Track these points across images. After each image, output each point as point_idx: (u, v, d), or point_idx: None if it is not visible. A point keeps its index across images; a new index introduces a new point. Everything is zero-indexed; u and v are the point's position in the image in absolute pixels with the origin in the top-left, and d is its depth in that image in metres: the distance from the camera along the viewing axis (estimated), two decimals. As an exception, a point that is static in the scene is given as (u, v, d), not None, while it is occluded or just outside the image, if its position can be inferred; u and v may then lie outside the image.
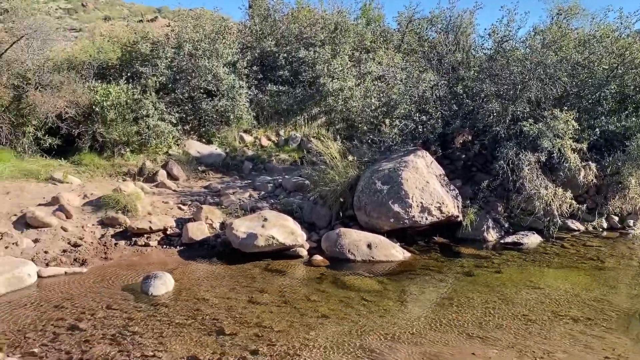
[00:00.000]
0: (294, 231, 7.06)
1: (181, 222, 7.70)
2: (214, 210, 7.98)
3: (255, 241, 6.73)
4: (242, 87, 11.08)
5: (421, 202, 7.35)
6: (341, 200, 7.84)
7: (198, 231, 7.36)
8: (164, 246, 7.23)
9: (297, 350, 4.32)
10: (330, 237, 7.11)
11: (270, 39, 12.51)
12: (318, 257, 6.83)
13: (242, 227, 6.98)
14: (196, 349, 4.27)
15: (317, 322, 4.91)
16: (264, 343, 4.41)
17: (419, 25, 13.21)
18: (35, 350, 4.21)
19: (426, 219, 7.38)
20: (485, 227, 7.87)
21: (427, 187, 7.47)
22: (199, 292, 5.62)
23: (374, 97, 9.64)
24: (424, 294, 5.85)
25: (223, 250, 7.11)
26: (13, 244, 6.66)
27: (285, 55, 12.28)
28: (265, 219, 7.15)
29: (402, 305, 5.45)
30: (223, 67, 10.90)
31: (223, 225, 7.64)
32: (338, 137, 9.16)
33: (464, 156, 9.00)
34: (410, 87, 9.06)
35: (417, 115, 8.73)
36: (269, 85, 11.97)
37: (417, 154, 8.03)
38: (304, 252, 7.03)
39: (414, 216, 7.32)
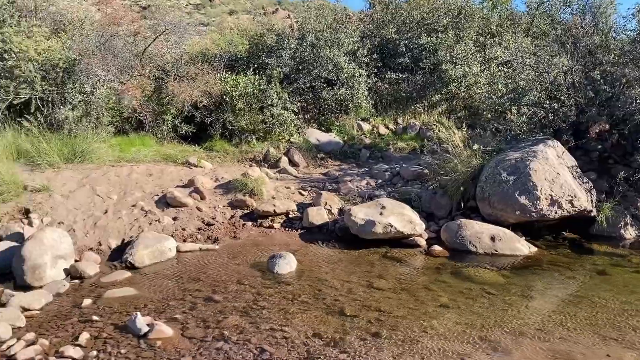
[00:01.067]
0: (412, 220, 7.02)
1: (302, 207, 8.00)
2: (332, 197, 8.17)
3: (373, 228, 6.80)
4: (362, 75, 11.17)
5: (550, 195, 6.94)
6: (462, 190, 7.64)
7: (318, 216, 7.60)
8: (286, 228, 7.56)
9: (417, 336, 4.33)
10: (451, 228, 6.97)
11: (391, 26, 12.45)
12: (437, 248, 6.74)
13: (360, 213, 7.09)
14: (319, 327, 4.45)
15: (437, 311, 4.87)
16: (385, 327, 4.48)
17: (551, 6, 12.37)
18: (178, 316, 4.64)
19: (555, 212, 6.96)
20: (622, 223, 7.24)
21: (557, 178, 7.03)
22: (320, 273, 5.82)
23: (501, 84, 9.22)
24: (551, 291, 5.54)
25: (341, 235, 7.27)
26: (156, 220, 7.35)
27: (406, 42, 12.16)
28: (383, 207, 7.18)
29: (527, 301, 5.22)
30: (344, 56, 11.06)
31: (341, 211, 7.81)
32: (461, 125, 8.89)
33: (599, 147, 8.31)
34: (540, 72, 8.55)
35: (548, 102, 8.22)
36: (389, 72, 11.94)
37: (547, 144, 7.58)
38: (422, 242, 6.97)
39: (541, 209, 6.93)
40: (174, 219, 7.48)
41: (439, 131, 8.67)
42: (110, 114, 9.70)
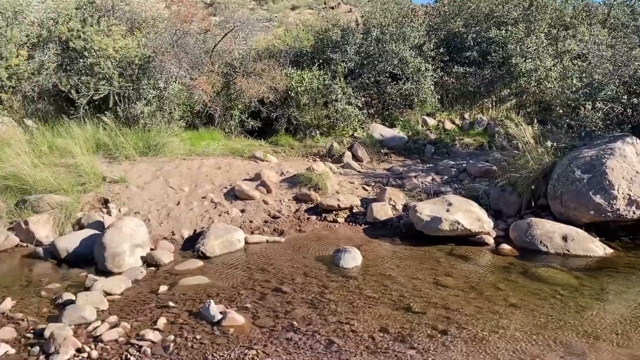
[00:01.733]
0: (480, 217, 6.88)
1: (365, 202, 8.01)
2: (397, 192, 8.13)
3: (439, 225, 6.72)
4: (428, 69, 11.02)
5: (628, 194, 6.61)
6: (533, 188, 7.41)
7: (382, 211, 7.59)
8: (350, 223, 7.60)
9: (486, 335, 4.26)
10: (520, 227, 6.78)
11: (458, 20, 12.19)
12: (506, 246, 6.58)
13: (425, 210, 7.02)
14: (386, 322, 4.47)
15: (507, 311, 4.77)
16: (452, 325, 4.44)
17: (631, -4, 11.71)
18: (248, 305, 4.80)
19: (634, 213, 6.62)
20: None
21: (636, 177, 6.68)
22: (385, 269, 5.83)
23: (575, 78, 8.84)
24: (629, 294, 5.29)
25: (406, 231, 7.23)
26: (225, 212, 7.59)
27: (473, 35, 11.88)
28: (450, 204, 7.08)
29: (602, 304, 5.01)
30: (409, 50, 10.94)
31: (406, 207, 7.76)
32: (532, 120, 8.61)
33: (685, 144, 7.82)
34: (618, 66, 8.12)
35: (626, 97, 7.81)
36: (455, 67, 11.70)
37: (625, 141, 7.21)
38: (490, 240, 6.82)
39: (618, 209, 6.62)
40: (242, 211, 7.69)
41: (508, 127, 8.43)
42: (181, 109, 10.08)
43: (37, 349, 3.97)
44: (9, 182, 7.28)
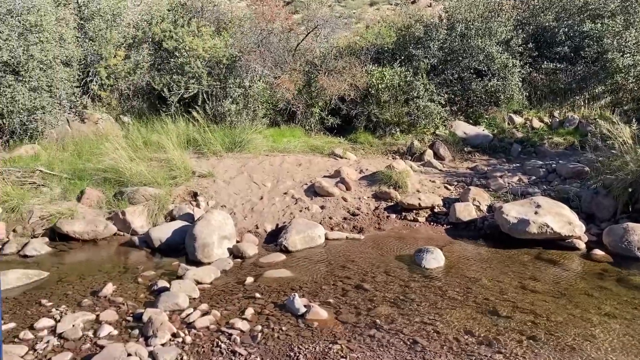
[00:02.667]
0: (571, 221, 6.55)
1: (448, 202, 7.86)
2: (481, 192, 7.91)
3: (526, 227, 6.47)
4: (515, 65, 10.62)
5: None
6: (630, 191, 6.95)
7: (465, 212, 7.42)
8: (431, 223, 7.49)
9: (578, 344, 4.07)
10: (615, 232, 6.39)
11: (549, 13, 11.63)
12: (598, 252, 6.23)
13: (512, 211, 6.78)
14: (470, 324, 4.38)
15: (600, 320, 4.52)
16: (542, 331, 4.27)
17: None
18: (331, 301, 4.87)
19: None
20: None
21: None
22: (469, 271, 5.70)
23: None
24: None
25: (490, 233, 7.02)
26: (305, 208, 7.73)
27: (565, 29, 11.29)
28: (539, 206, 6.79)
29: None
30: (496, 45, 10.59)
31: (491, 208, 7.54)
32: (629, 119, 8.06)
33: None
34: None
35: None
36: (545, 62, 11.18)
37: None
38: (581, 245, 6.48)
39: None
40: (322, 207, 7.79)
41: (602, 126, 7.94)
42: (265, 107, 10.36)
43: (136, 331, 4.26)
44: (108, 175, 7.83)
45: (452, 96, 10.93)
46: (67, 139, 9.39)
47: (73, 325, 4.35)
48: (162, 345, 4.01)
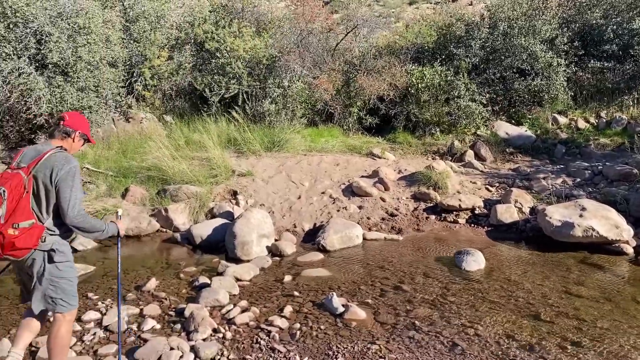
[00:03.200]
0: (618, 225, 6.33)
1: (489, 203, 7.73)
2: (523, 194, 7.74)
3: (571, 231, 6.29)
4: (560, 64, 10.33)
5: None
6: (683, 194, 6.68)
7: (507, 214, 7.27)
8: (472, 225, 7.38)
9: (626, 352, 3.93)
10: (666, 236, 6.15)
11: (596, 10, 11.27)
12: (648, 257, 6.01)
13: (556, 214, 6.61)
14: (512, 329, 4.29)
15: (651, 328, 4.36)
16: (586, 337, 4.15)
17: None
18: (369, 301, 4.86)
19: None
20: None
21: None
22: (510, 274, 5.58)
23: None
24: None
25: (532, 235, 6.87)
26: (343, 208, 7.73)
27: (614, 27, 10.91)
28: (584, 208, 6.59)
29: None
30: (539, 44, 10.34)
31: (533, 210, 7.36)
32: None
33: None
34: None
35: None
36: (591, 61, 10.84)
37: None
38: (628, 249, 6.26)
39: None
40: (359, 207, 7.78)
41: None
42: (303, 107, 10.41)
43: (178, 326, 4.35)
44: (152, 173, 8.03)
45: (494, 96, 10.72)
46: (112, 138, 9.68)
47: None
48: (204, 340, 4.08)
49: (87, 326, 4.44)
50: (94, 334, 4.27)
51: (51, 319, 3.31)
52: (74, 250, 6.55)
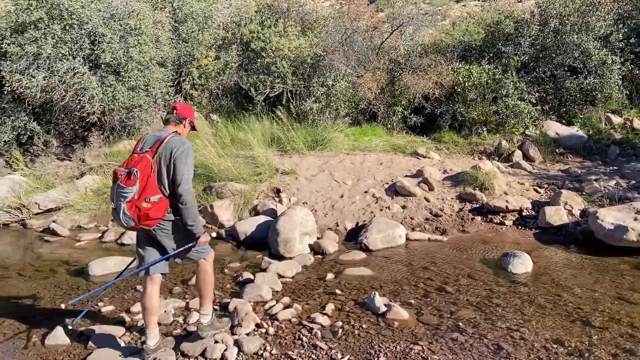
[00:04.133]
0: (676, 229, 6.04)
1: (537, 205, 7.51)
2: (573, 196, 7.48)
3: (624, 235, 6.04)
4: (615, 62, 9.92)
5: None
6: None
7: (556, 216, 7.05)
8: (519, 227, 7.19)
9: (684, 363, 3.76)
10: None
11: (654, 6, 10.78)
12: None
13: (608, 217, 6.36)
14: (560, 333, 4.16)
15: None
16: (641, 345, 3.99)
17: None
18: (412, 301, 4.81)
19: None
20: None
21: None
22: (559, 278, 5.41)
23: None
24: None
25: (583, 239, 6.62)
26: (386, 207, 7.68)
27: (673, 23, 10.41)
28: (639, 212, 6.32)
29: None
30: (593, 41, 9.97)
31: (584, 212, 7.11)
32: None
33: None
34: None
35: None
36: (649, 59, 10.38)
37: None
38: (687, 256, 5.98)
39: None
40: (403, 207, 7.71)
41: None
42: (347, 106, 10.40)
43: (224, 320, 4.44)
44: (198, 170, 8.20)
45: (544, 95, 10.40)
46: (161, 136, 9.94)
47: (165, 311, 4.61)
48: (247, 334, 4.15)
49: (135, 317, 4.59)
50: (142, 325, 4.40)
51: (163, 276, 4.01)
52: (123, 245, 6.82)
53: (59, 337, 4.18)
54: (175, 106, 3.90)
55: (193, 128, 3.99)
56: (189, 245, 3.80)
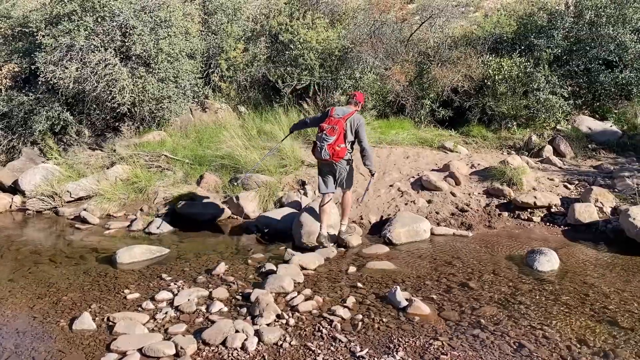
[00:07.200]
0: None
1: (566, 202, 7.35)
2: (605, 193, 7.30)
3: (657, 233, 5.88)
4: (653, 55, 9.61)
5: None
6: None
7: (586, 213, 6.89)
8: (547, 223, 7.06)
9: None
10: None
11: (696, -4, 10.35)
12: None
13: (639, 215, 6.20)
14: (585, 334, 4.07)
15: None
16: (670, 349, 3.87)
17: None
18: (434, 296, 4.78)
19: None
20: None
21: None
22: (586, 277, 5.30)
23: None
24: None
25: (613, 237, 6.47)
26: (411, 201, 7.63)
27: None
28: (673, 210, 6.14)
29: None
30: (630, 34, 9.65)
31: (615, 210, 6.93)
32: None
33: None
34: None
35: None
36: (689, 52, 9.98)
37: None
38: None
39: None
40: (428, 201, 7.64)
41: None
42: (374, 98, 10.34)
43: (244, 310, 4.50)
44: (225, 162, 8.31)
45: (577, 89, 10.13)
46: (189, 127, 10.10)
47: (188, 300, 4.70)
48: (267, 325, 4.20)
49: (159, 305, 4.69)
50: (166, 313, 4.50)
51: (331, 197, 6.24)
52: (150, 234, 6.97)
53: (85, 322, 4.31)
54: (355, 94, 6.18)
55: (362, 108, 5.35)
56: (369, 181, 6.69)
